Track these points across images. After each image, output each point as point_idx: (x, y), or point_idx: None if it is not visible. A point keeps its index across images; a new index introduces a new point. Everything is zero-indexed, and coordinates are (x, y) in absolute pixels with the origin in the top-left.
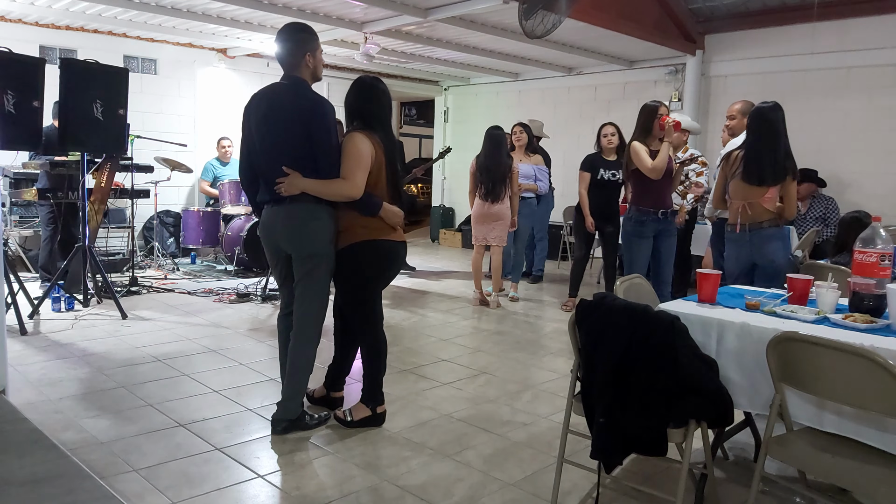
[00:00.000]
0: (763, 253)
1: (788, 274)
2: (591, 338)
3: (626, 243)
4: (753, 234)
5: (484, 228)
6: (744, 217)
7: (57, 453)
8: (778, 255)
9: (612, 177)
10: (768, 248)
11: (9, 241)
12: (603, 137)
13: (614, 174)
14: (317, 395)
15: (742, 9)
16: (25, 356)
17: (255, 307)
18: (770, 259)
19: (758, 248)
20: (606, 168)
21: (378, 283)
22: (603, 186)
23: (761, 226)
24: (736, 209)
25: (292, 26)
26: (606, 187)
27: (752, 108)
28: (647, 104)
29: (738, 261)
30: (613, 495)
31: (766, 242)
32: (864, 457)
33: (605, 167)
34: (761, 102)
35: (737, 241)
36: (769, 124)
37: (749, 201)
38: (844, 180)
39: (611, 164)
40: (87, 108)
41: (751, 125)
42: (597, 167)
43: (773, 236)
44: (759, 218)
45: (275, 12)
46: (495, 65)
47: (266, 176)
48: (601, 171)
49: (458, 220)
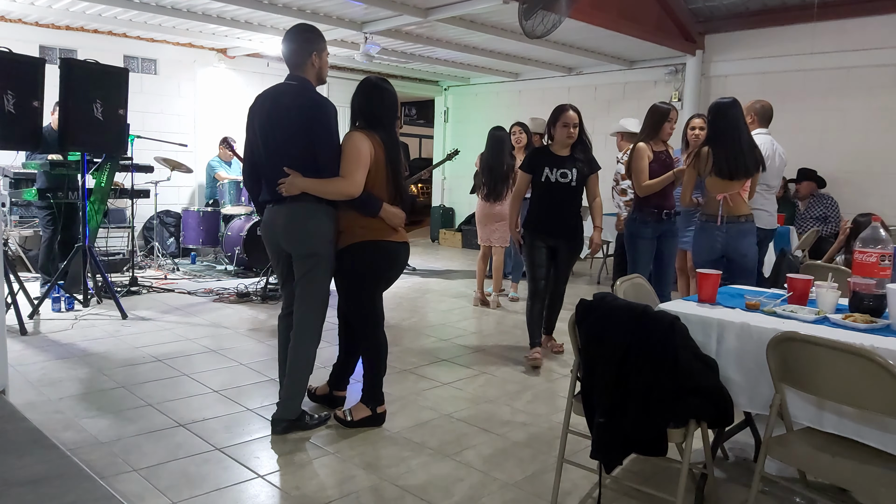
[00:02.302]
0: (737, 247)
1: (788, 274)
2: (591, 338)
3: (630, 244)
4: (730, 227)
5: (486, 230)
6: (725, 209)
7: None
8: (751, 250)
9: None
10: (743, 242)
11: (9, 241)
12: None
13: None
14: (318, 392)
15: (742, 9)
16: (25, 356)
17: (255, 307)
18: (742, 253)
19: (733, 241)
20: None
21: (378, 283)
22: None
23: (738, 220)
24: (717, 202)
25: (300, 26)
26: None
27: (757, 105)
28: (658, 106)
29: (710, 251)
30: (613, 495)
31: (742, 237)
32: (864, 457)
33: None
34: (720, 98)
35: (711, 231)
36: (728, 120)
37: (730, 193)
38: (844, 180)
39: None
40: (87, 108)
41: (711, 121)
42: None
43: (748, 231)
44: (738, 212)
45: (275, 12)
46: (495, 65)
47: (268, 176)
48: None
49: (458, 220)
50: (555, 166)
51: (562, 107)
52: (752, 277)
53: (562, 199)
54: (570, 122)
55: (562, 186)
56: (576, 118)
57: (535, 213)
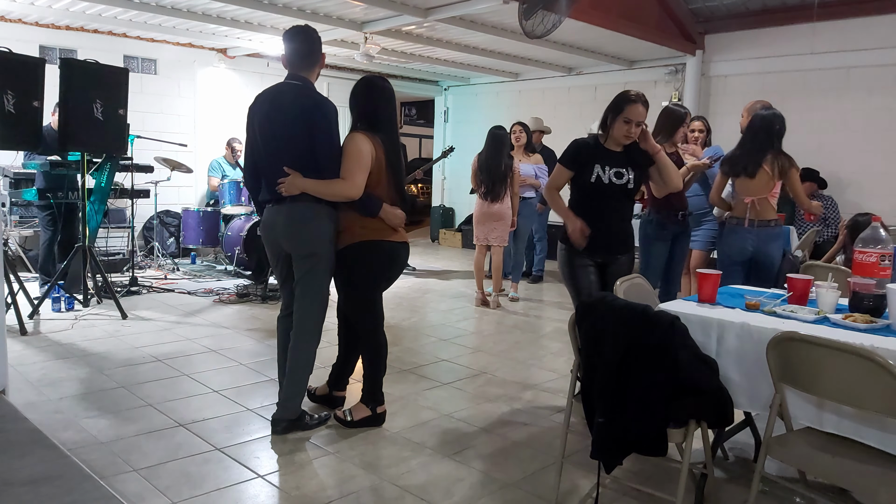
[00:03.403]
0: (766, 250)
1: (788, 274)
2: (591, 338)
3: (645, 245)
4: (760, 231)
5: (485, 228)
6: (752, 213)
7: (57, 453)
8: (778, 253)
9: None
10: (772, 246)
11: (9, 241)
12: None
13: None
14: (318, 393)
15: (742, 9)
16: (25, 356)
17: (255, 307)
18: (771, 257)
19: (763, 245)
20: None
21: (378, 283)
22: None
23: (769, 223)
24: (745, 205)
25: (307, 29)
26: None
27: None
28: (674, 110)
29: (740, 253)
30: (613, 495)
31: (772, 240)
32: (864, 457)
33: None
34: (762, 108)
35: (741, 233)
36: (764, 126)
37: (758, 197)
38: (844, 180)
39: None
40: (88, 108)
41: (748, 127)
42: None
43: (778, 235)
44: (767, 216)
45: (275, 12)
46: (495, 65)
47: (267, 175)
48: None
49: (458, 220)
50: (609, 164)
51: (628, 96)
52: (771, 281)
53: (615, 205)
54: (635, 118)
55: (616, 189)
56: (643, 114)
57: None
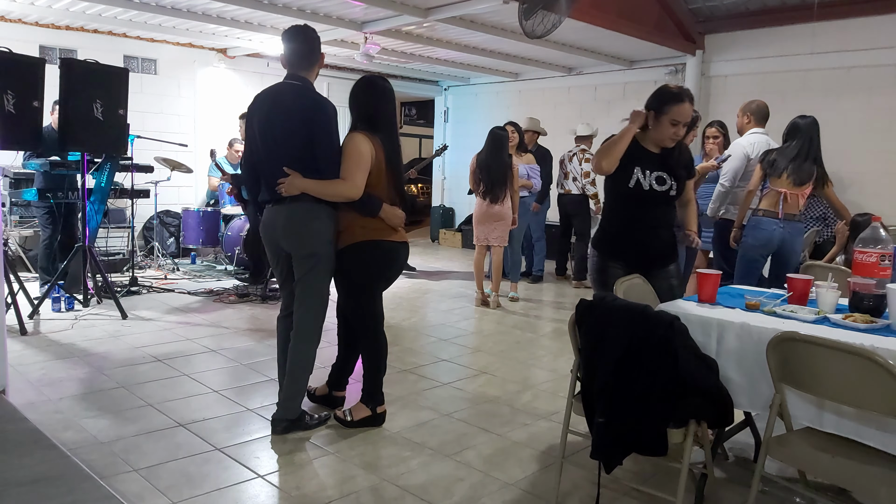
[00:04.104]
0: (792, 243)
1: (788, 274)
2: (591, 338)
3: None
4: (787, 224)
5: (485, 229)
6: (785, 207)
7: (57, 453)
8: (801, 248)
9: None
10: (798, 240)
11: (9, 241)
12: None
13: None
14: (318, 393)
15: (742, 9)
16: (25, 356)
17: (255, 307)
18: (796, 251)
19: (790, 238)
20: None
21: (378, 283)
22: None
23: (794, 217)
24: (777, 197)
25: (307, 27)
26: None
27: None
28: None
29: (767, 245)
30: (613, 495)
31: (798, 235)
32: (864, 457)
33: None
34: (800, 115)
35: (769, 225)
36: (802, 133)
37: (791, 192)
38: (844, 180)
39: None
40: (87, 108)
41: (788, 132)
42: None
43: (802, 231)
44: (793, 211)
45: (275, 12)
46: (495, 65)
47: (267, 175)
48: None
49: (458, 220)
50: (649, 167)
51: (674, 93)
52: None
53: (657, 214)
54: (683, 119)
55: (657, 196)
56: (689, 114)
57: (615, 231)
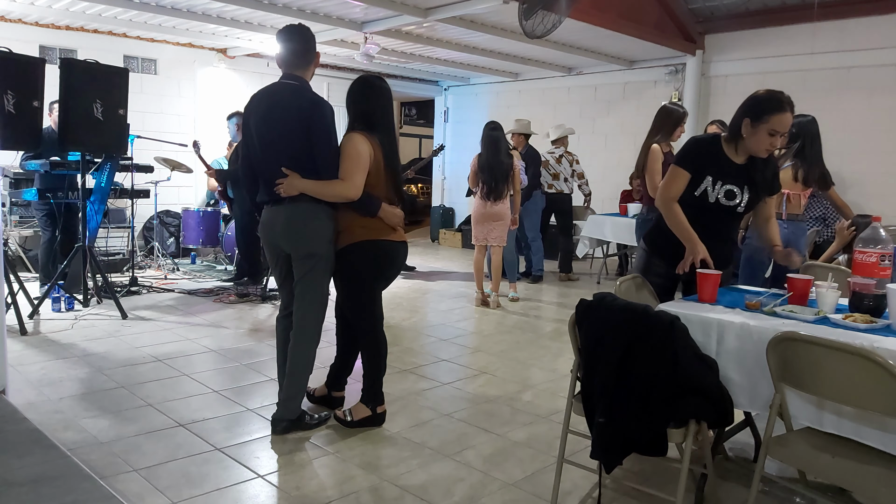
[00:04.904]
0: (797, 243)
1: (789, 274)
2: (591, 338)
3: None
4: (791, 224)
5: (484, 229)
6: (788, 206)
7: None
8: (804, 246)
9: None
10: (802, 240)
11: (9, 241)
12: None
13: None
14: (317, 394)
15: (742, 9)
16: (25, 356)
17: (255, 307)
18: (799, 250)
19: (794, 238)
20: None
21: (377, 283)
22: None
23: (798, 218)
24: (780, 200)
25: (302, 26)
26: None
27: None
28: (673, 109)
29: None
30: (613, 495)
31: (802, 234)
32: (864, 457)
33: None
34: (801, 115)
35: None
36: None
37: (793, 192)
38: (846, 180)
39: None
40: (88, 108)
41: (794, 135)
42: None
43: (805, 230)
44: (796, 211)
45: (275, 12)
46: (495, 65)
47: (265, 176)
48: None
49: (458, 220)
50: (723, 179)
51: (776, 101)
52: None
53: (718, 227)
54: (782, 129)
55: (723, 210)
56: (789, 125)
57: (668, 231)
